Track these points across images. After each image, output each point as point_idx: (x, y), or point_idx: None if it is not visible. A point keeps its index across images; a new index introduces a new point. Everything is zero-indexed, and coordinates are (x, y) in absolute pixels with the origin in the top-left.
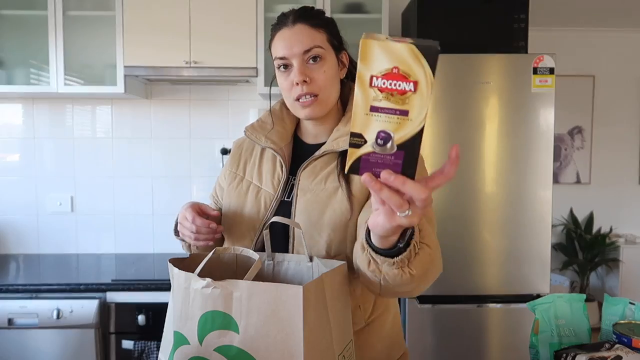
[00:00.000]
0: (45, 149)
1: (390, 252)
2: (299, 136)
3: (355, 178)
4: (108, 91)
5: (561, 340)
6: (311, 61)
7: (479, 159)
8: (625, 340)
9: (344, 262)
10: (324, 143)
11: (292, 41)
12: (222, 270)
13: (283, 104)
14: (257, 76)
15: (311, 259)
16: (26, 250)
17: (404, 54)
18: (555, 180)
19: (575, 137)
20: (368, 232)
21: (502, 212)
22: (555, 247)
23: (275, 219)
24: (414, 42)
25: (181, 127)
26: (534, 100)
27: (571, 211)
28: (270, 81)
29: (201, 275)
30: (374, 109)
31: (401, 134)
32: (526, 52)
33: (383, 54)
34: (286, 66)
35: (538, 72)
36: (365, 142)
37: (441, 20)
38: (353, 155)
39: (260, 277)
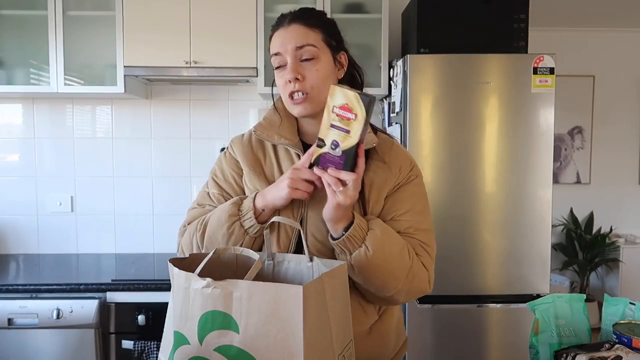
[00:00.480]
0: (45, 149)
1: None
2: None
3: (367, 185)
4: (108, 91)
5: (561, 340)
6: (306, 60)
7: (479, 159)
8: (625, 340)
9: (344, 262)
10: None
11: (285, 39)
12: (222, 270)
13: (279, 105)
14: (257, 76)
15: (311, 259)
16: (26, 250)
17: (351, 97)
18: (555, 180)
19: (575, 137)
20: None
21: (502, 212)
22: (555, 247)
23: (275, 218)
24: (359, 92)
25: (181, 127)
26: (534, 100)
27: (571, 211)
28: (272, 81)
29: (201, 275)
30: (332, 125)
31: (345, 144)
32: (526, 52)
33: (341, 95)
34: (281, 66)
35: (538, 72)
36: (325, 145)
37: (441, 20)
38: (317, 152)
39: (260, 277)
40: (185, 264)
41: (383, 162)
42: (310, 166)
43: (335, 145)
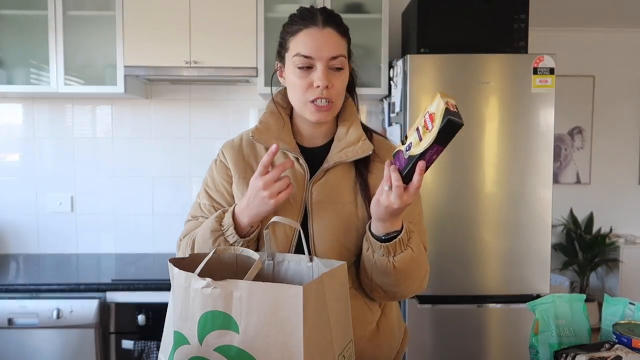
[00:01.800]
0: (45, 149)
1: (382, 239)
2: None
3: (373, 185)
4: (108, 91)
5: (561, 340)
6: (334, 68)
7: (479, 159)
8: (625, 340)
9: (343, 262)
10: (320, 147)
11: (321, 43)
12: (223, 270)
13: (278, 103)
14: (257, 76)
15: (311, 259)
16: (26, 250)
17: (440, 109)
18: (555, 180)
19: (575, 137)
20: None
21: (502, 212)
22: (555, 247)
23: (275, 219)
24: (448, 110)
25: (181, 127)
26: (534, 100)
27: (571, 211)
28: (271, 79)
29: (201, 275)
30: (417, 129)
31: (413, 150)
32: (526, 52)
33: (436, 103)
34: (307, 67)
35: (538, 72)
36: (404, 144)
37: (441, 20)
38: (397, 147)
39: (260, 277)
40: (185, 264)
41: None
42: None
43: (409, 147)
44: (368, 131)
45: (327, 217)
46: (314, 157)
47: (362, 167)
